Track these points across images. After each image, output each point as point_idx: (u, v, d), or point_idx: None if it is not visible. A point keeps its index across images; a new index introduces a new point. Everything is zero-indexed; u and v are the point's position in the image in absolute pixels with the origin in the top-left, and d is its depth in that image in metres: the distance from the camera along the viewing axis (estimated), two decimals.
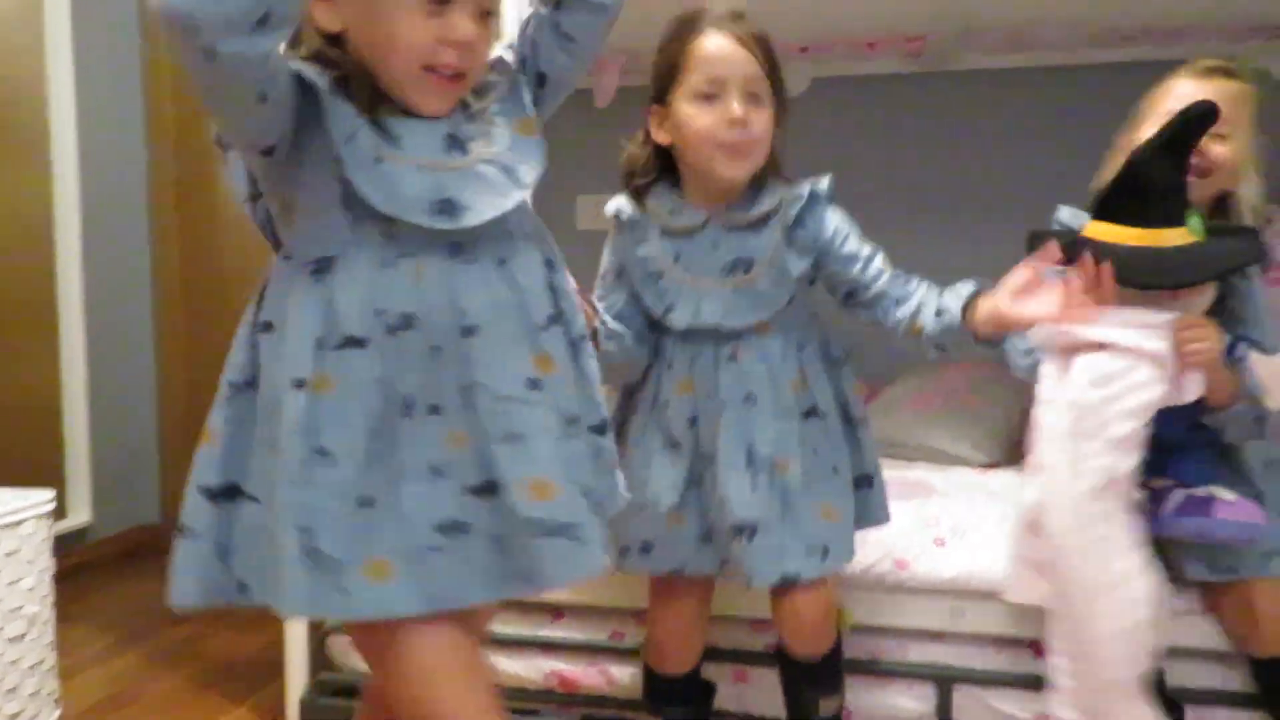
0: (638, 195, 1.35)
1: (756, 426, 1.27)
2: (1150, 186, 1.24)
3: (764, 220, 1.29)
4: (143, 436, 2.92)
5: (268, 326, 0.93)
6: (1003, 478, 1.91)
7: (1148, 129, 1.32)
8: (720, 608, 1.47)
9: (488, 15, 0.94)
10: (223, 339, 0.98)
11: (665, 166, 1.33)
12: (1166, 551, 1.38)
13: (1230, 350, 1.34)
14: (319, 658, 1.71)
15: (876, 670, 1.55)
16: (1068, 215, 1.44)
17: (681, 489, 1.31)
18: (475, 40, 0.92)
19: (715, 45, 1.23)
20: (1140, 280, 1.22)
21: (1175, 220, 1.25)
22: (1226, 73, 1.39)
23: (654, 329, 1.34)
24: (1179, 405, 1.27)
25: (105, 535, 2.73)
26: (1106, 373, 1.25)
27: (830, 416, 1.32)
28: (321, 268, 0.90)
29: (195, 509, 0.93)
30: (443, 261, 0.92)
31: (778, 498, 1.27)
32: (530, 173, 0.99)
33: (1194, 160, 1.27)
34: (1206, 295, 1.32)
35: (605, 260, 1.38)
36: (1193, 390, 1.28)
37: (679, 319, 1.29)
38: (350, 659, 1.68)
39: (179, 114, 2.91)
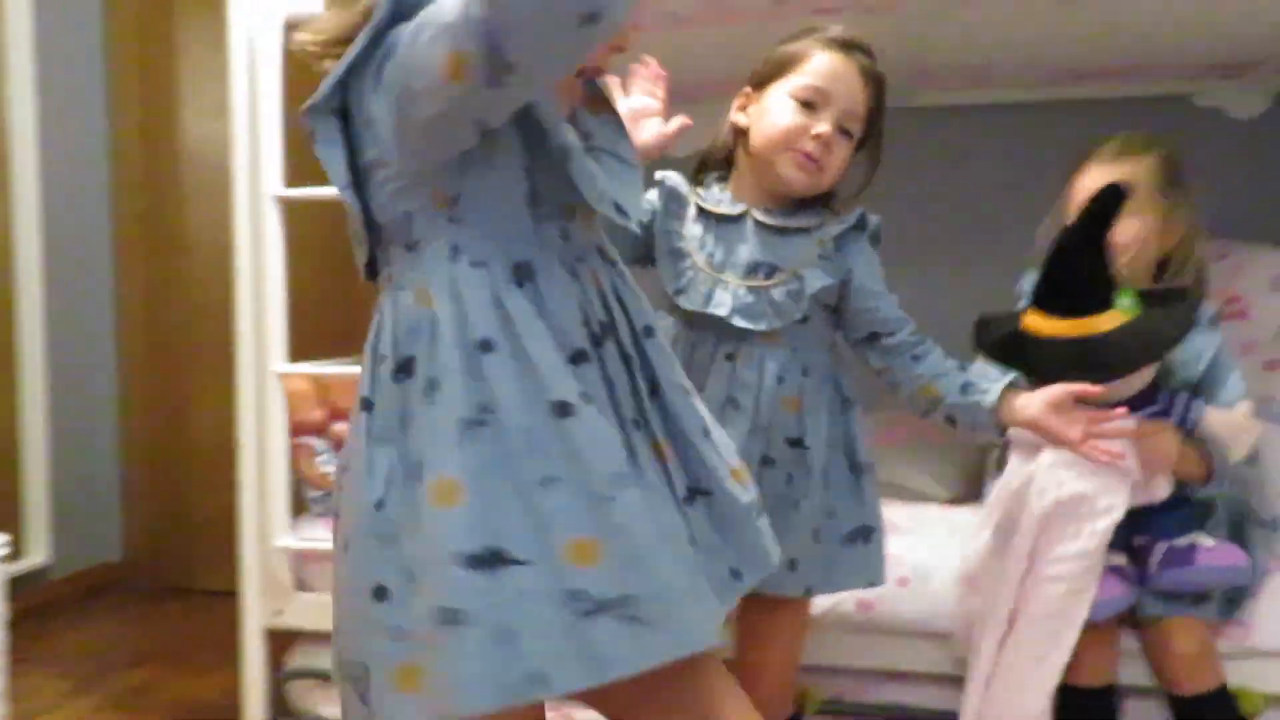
0: (693, 178, 1.35)
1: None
2: (1076, 277, 1.27)
3: (800, 231, 1.29)
4: (104, 473, 2.88)
5: (487, 346, 0.80)
6: (966, 514, 1.91)
7: (1069, 219, 1.38)
8: None
9: None
10: (187, 374, 0.95)
11: (728, 160, 1.34)
12: None
13: (1183, 423, 1.38)
14: (278, 703, 1.69)
15: (840, 711, 1.55)
16: (1029, 284, 1.45)
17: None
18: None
19: (836, 62, 1.26)
20: (1081, 377, 1.23)
21: (1105, 304, 1.28)
22: (1129, 152, 1.47)
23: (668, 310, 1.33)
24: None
25: (65, 575, 2.68)
26: (1076, 493, 1.33)
27: (817, 452, 1.27)
28: (523, 274, 0.83)
29: (457, 587, 0.76)
30: (601, 264, 0.90)
31: None
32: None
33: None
34: (1150, 368, 1.38)
35: None
36: (1163, 489, 1.39)
37: (689, 301, 1.28)
38: (308, 702, 1.66)
39: (145, 143, 2.89)
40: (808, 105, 1.25)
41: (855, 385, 1.34)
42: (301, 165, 1.51)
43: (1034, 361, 1.30)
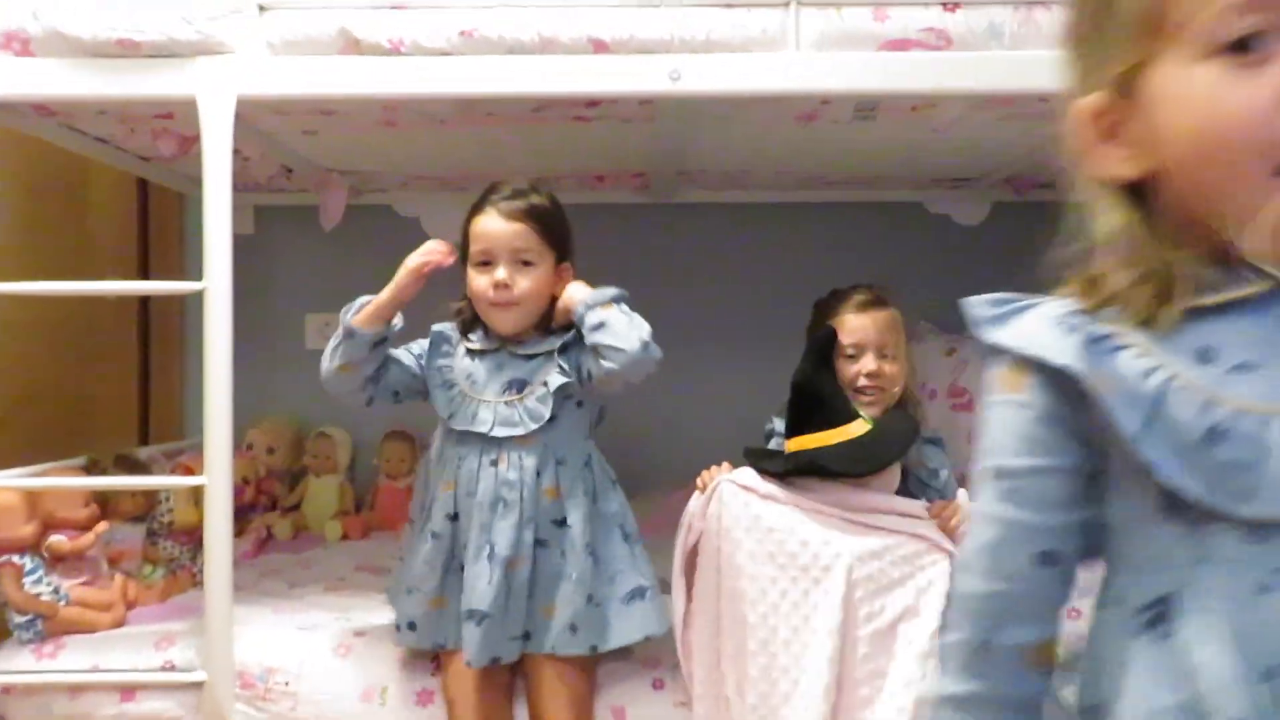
0: (462, 326, 1.58)
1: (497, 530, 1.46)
2: (822, 395, 1.51)
3: (544, 354, 1.52)
4: None
5: (1094, 712, 0.65)
6: None
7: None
8: None
9: None
10: None
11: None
12: None
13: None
14: None
15: None
16: (779, 424, 1.61)
17: (441, 575, 1.50)
18: None
19: (487, 223, 1.50)
20: (856, 470, 1.47)
21: (852, 415, 1.50)
22: (880, 303, 1.64)
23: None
24: None
25: None
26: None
27: (579, 529, 1.48)
28: (1159, 615, 0.62)
29: None
30: None
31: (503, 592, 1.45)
32: None
33: (872, 381, 1.59)
34: (896, 471, 1.55)
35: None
36: None
37: (459, 422, 1.50)
38: None
39: None
40: (485, 264, 1.50)
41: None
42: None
43: (807, 467, 1.48)
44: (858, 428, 1.49)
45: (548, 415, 1.48)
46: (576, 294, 1.49)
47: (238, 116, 1.54)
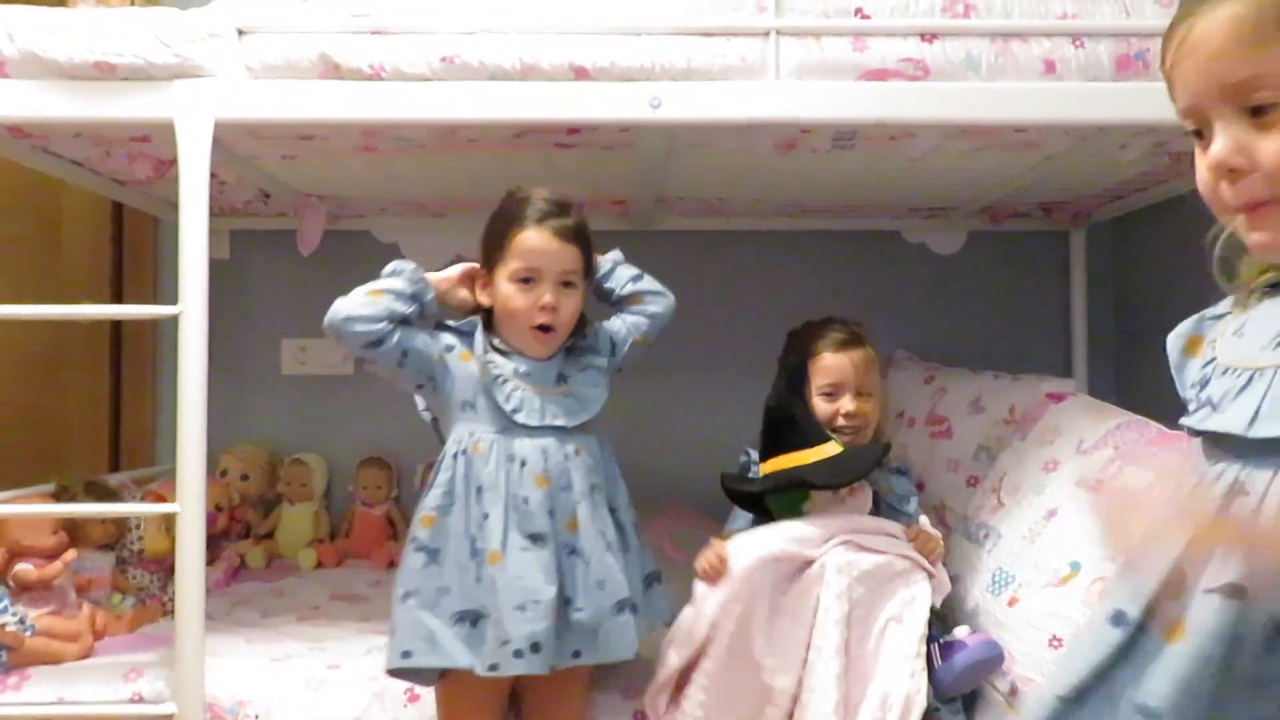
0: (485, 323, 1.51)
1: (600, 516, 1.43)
2: (796, 419, 1.59)
3: (563, 351, 1.52)
4: None
5: None
6: None
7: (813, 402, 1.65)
8: None
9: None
10: None
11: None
12: None
13: None
14: None
15: None
16: (755, 454, 1.66)
17: (558, 581, 1.37)
18: None
19: (537, 241, 1.45)
20: (835, 481, 1.54)
21: (824, 437, 1.57)
22: (857, 341, 1.68)
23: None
24: None
25: None
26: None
27: (623, 514, 1.48)
28: None
29: None
30: None
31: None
32: None
33: (850, 421, 1.63)
34: (869, 496, 1.59)
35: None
36: (948, 583, 1.54)
37: (528, 417, 1.42)
38: None
39: None
40: (526, 282, 1.45)
41: None
42: None
43: (786, 483, 1.55)
44: (831, 448, 1.56)
45: (605, 395, 1.50)
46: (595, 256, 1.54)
47: (215, 140, 1.54)
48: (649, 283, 1.60)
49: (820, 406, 1.64)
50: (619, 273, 1.59)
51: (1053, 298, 2.64)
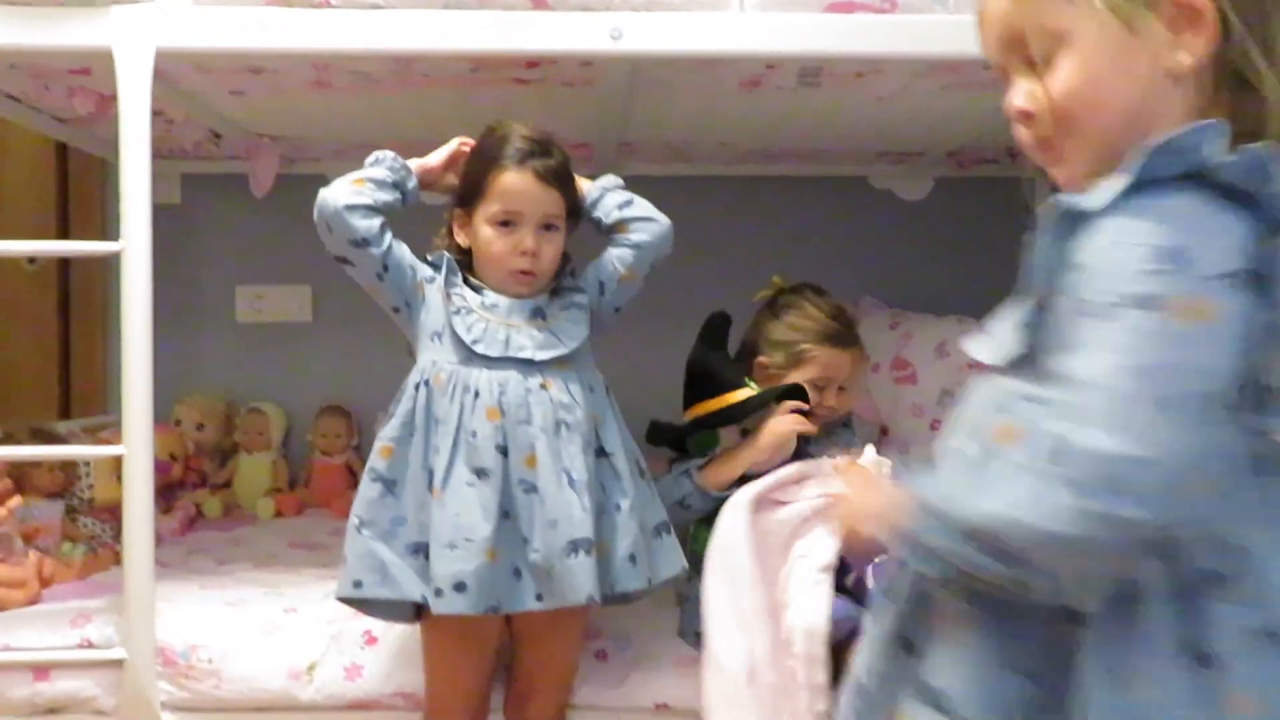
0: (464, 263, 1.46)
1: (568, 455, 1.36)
2: (715, 368, 1.69)
3: (548, 290, 1.47)
4: None
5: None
6: None
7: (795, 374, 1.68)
8: None
9: None
10: None
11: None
12: None
13: None
14: None
15: None
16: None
17: (496, 520, 1.32)
18: None
19: (519, 183, 1.40)
20: (749, 413, 1.61)
21: (742, 382, 1.65)
22: (854, 337, 1.72)
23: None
24: None
25: None
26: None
27: (619, 459, 1.42)
28: None
29: None
30: None
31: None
32: None
33: (824, 411, 1.66)
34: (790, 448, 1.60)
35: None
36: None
37: (489, 347, 1.37)
38: None
39: None
40: (506, 225, 1.40)
41: None
42: None
43: (703, 424, 1.66)
44: (744, 392, 1.63)
45: (585, 332, 1.43)
46: (585, 183, 1.50)
47: (158, 72, 1.47)
48: (638, 209, 1.51)
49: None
50: (607, 200, 1.50)
51: (1019, 243, 2.62)
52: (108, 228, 2.50)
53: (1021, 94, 0.77)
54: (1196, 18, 0.70)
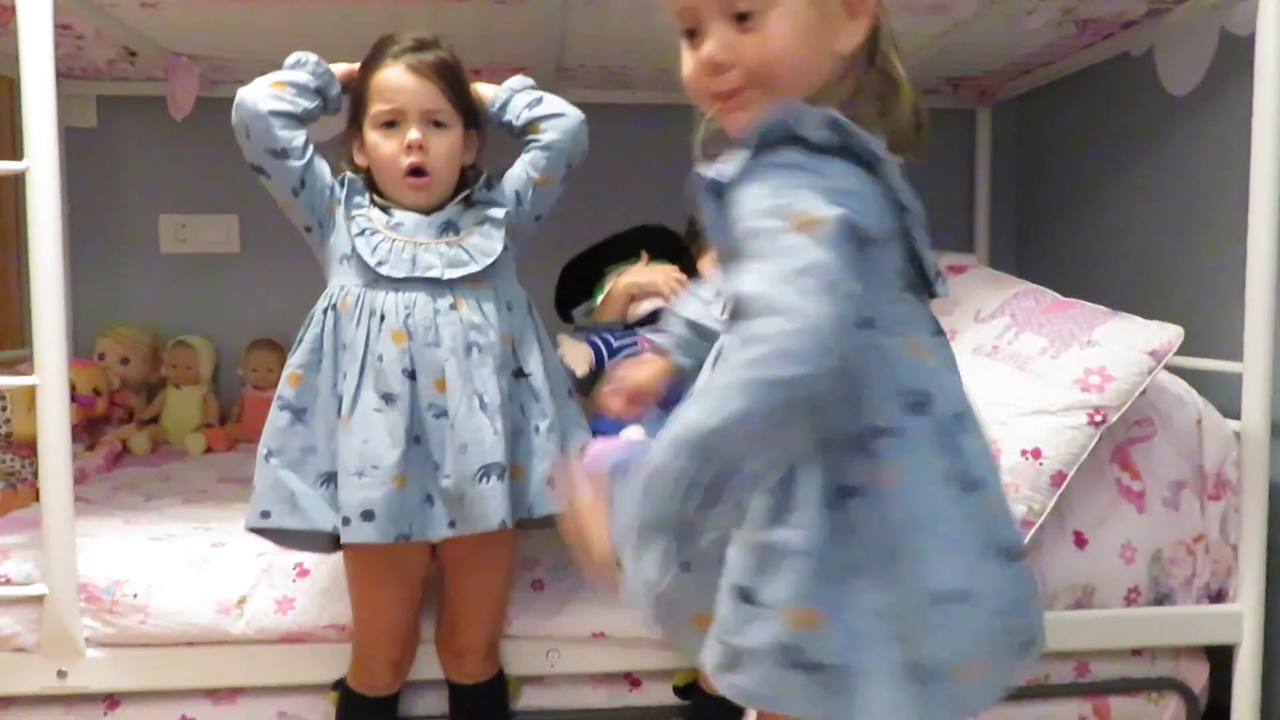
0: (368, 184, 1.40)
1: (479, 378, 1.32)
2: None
3: (461, 201, 1.40)
4: None
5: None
6: None
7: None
8: None
9: None
10: None
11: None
12: None
13: None
14: None
15: None
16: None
17: (404, 446, 1.29)
18: None
19: (394, 78, 1.34)
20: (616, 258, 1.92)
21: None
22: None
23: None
24: None
25: None
26: None
27: (538, 379, 1.38)
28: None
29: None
30: None
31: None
32: None
33: None
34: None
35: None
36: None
37: (394, 268, 1.32)
38: None
39: None
40: (389, 125, 1.34)
41: None
42: None
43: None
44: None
45: (499, 248, 1.36)
46: (490, 88, 1.44)
47: None
48: (547, 105, 1.43)
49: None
50: (514, 102, 1.43)
51: (959, 175, 2.64)
52: (19, 152, 2.38)
53: (719, 45, 0.84)
54: (862, 6, 0.85)
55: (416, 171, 1.34)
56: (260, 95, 1.32)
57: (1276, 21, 1.49)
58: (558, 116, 1.42)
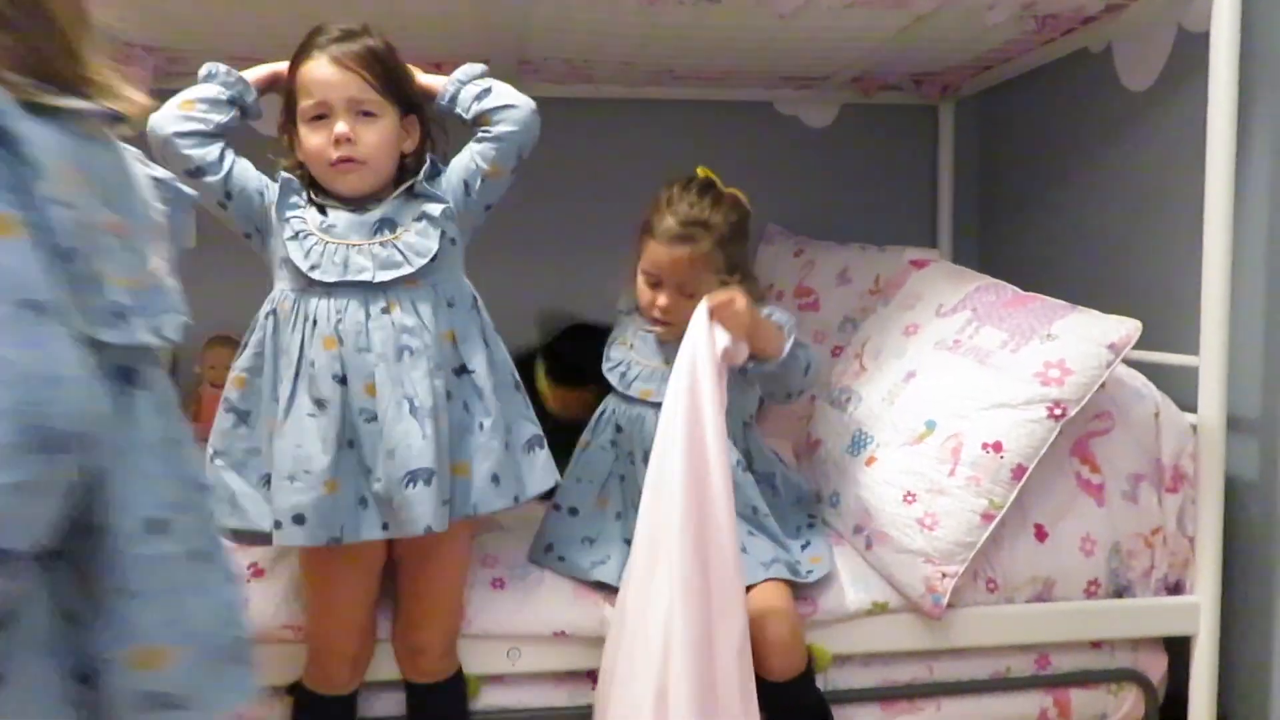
0: (307, 184, 1.38)
1: (410, 381, 1.30)
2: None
3: (402, 195, 1.37)
4: None
5: None
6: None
7: (637, 280, 1.59)
8: None
9: None
10: None
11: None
12: None
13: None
14: None
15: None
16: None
17: (334, 451, 1.29)
18: None
19: (318, 70, 1.31)
20: None
21: None
22: (687, 239, 1.52)
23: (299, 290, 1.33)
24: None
25: None
26: None
27: (481, 375, 1.36)
28: None
29: None
30: None
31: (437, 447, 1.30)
32: None
33: (657, 311, 1.55)
34: None
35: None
36: (743, 353, 1.43)
37: (325, 274, 1.30)
38: None
39: None
40: (318, 118, 1.33)
41: None
42: None
43: None
44: None
45: (435, 248, 1.33)
46: (439, 80, 1.41)
47: None
48: (496, 97, 1.39)
49: (641, 290, 1.57)
50: (463, 94, 1.40)
51: (922, 171, 2.65)
52: None
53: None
54: None
55: (344, 159, 1.32)
56: (166, 119, 1.31)
57: (1231, 18, 1.51)
58: (508, 108, 1.39)
